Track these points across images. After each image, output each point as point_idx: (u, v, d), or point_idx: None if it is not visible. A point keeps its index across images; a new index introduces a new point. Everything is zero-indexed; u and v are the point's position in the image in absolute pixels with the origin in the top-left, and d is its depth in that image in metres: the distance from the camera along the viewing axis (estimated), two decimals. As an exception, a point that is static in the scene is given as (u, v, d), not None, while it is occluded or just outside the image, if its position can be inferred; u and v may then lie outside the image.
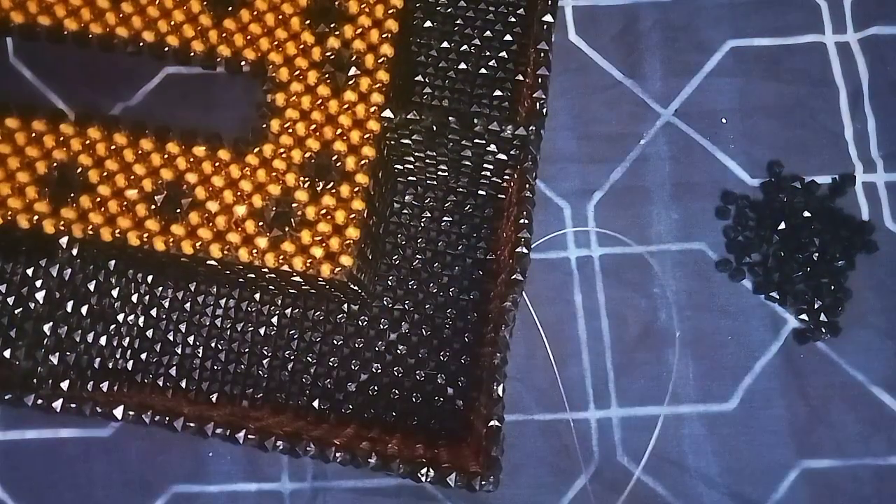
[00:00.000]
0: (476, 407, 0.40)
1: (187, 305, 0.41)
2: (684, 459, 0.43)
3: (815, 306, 0.44)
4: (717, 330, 0.44)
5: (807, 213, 0.45)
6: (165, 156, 0.42)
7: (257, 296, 0.42)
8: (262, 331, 0.44)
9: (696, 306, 0.45)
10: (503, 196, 0.45)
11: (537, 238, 0.45)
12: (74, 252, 0.41)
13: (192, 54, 0.44)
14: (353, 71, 0.43)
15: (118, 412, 0.39)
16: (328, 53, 0.43)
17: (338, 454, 0.34)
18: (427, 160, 0.43)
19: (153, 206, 0.42)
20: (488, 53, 0.44)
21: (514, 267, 0.40)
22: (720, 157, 0.46)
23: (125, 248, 0.41)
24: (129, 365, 0.41)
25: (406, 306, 0.44)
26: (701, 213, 0.46)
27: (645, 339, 0.44)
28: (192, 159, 0.42)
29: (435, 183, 0.46)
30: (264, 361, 0.43)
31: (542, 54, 0.43)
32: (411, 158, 0.43)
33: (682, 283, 0.45)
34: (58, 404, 0.39)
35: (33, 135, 0.42)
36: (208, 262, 0.41)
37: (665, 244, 0.45)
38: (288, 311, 0.44)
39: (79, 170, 0.42)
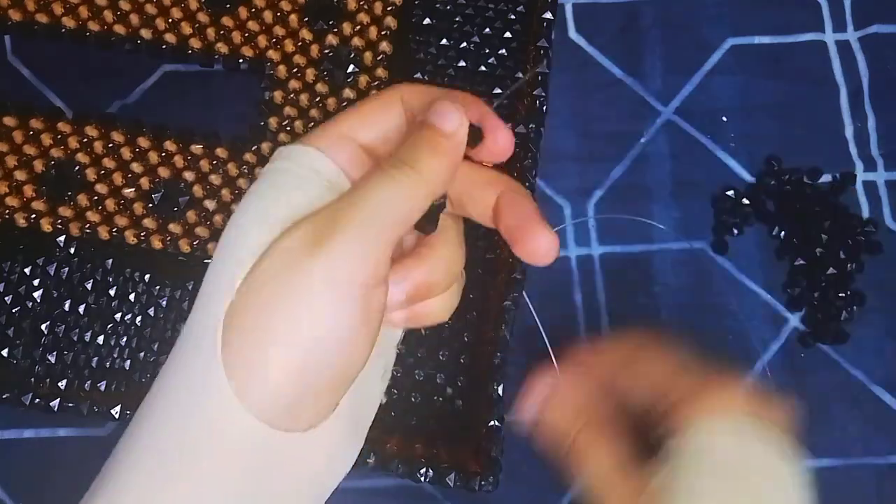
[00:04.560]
0: (476, 407, 0.40)
1: (185, 304, 0.41)
2: (684, 459, 0.43)
3: (821, 315, 0.44)
4: (717, 328, 0.44)
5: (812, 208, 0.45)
6: (163, 154, 0.42)
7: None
8: (260, 330, 0.43)
9: (697, 305, 0.45)
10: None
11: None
12: (72, 250, 0.41)
13: (189, 52, 0.43)
14: (351, 68, 0.43)
15: (116, 411, 0.39)
16: (326, 50, 0.43)
17: (336, 454, 0.34)
18: (426, 158, 0.43)
19: (150, 205, 0.42)
20: (488, 51, 0.44)
21: (513, 265, 0.40)
22: (721, 156, 0.46)
23: (122, 246, 0.41)
24: (127, 364, 0.40)
25: (405, 305, 0.44)
26: (701, 211, 0.45)
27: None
28: (189, 157, 0.42)
29: (434, 181, 0.46)
30: (263, 360, 0.43)
31: (542, 52, 0.43)
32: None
33: (682, 281, 0.45)
34: (55, 403, 0.39)
35: (31, 133, 0.42)
36: (206, 260, 0.41)
37: (666, 243, 0.45)
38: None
39: (76, 168, 0.42)
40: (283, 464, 0.25)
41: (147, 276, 0.41)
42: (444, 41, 0.44)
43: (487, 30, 0.44)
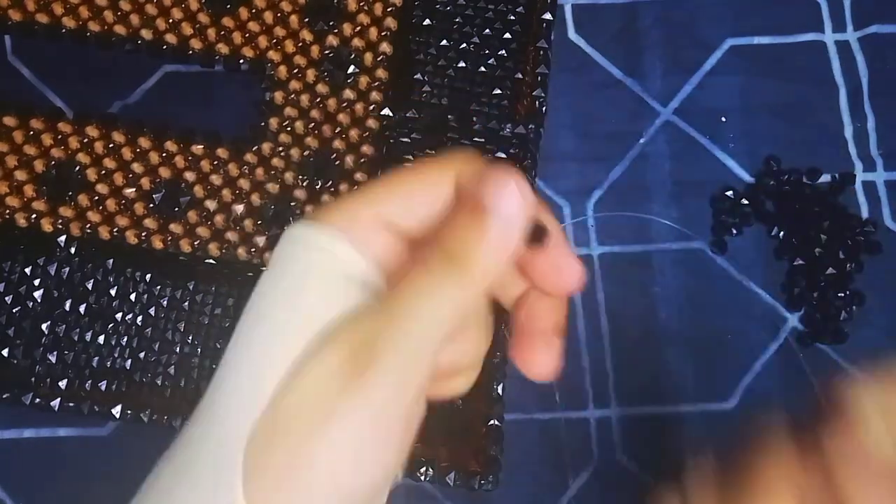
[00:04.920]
0: (476, 406, 0.40)
1: (186, 304, 0.41)
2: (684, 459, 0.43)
3: (820, 315, 0.44)
4: (717, 328, 0.44)
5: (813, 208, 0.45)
6: (163, 154, 0.42)
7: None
8: (260, 330, 0.43)
9: (696, 305, 0.45)
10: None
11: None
12: (72, 250, 0.41)
13: (190, 52, 0.44)
14: (351, 69, 0.43)
15: (116, 411, 0.39)
16: (327, 51, 0.43)
17: (337, 453, 0.34)
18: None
19: (151, 205, 0.42)
20: (487, 52, 0.44)
21: (513, 265, 0.40)
22: (720, 156, 0.46)
23: (123, 246, 0.41)
24: (128, 364, 0.41)
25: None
26: (701, 211, 0.46)
27: (645, 338, 0.44)
28: (190, 157, 0.42)
29: (434, 181, 0.46)
30: (263, 360, 0.43)
31: (542, 52, 0.43)
32: (410, 157, 0.43)
33: (681, 281, 0.45)
34: (56, 403, 0.39)
35: (31, 133, 0.42)
36: (207, 260, 0.41)
37: (665, 243, 0.45)
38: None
39: (77, 168, 0.42)
40: None
41: (148, 276, 0.41)
42: (444, 42, 0.44)
43: (487, 31, 0.44)
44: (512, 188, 0.23)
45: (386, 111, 0.43)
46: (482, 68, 0.44)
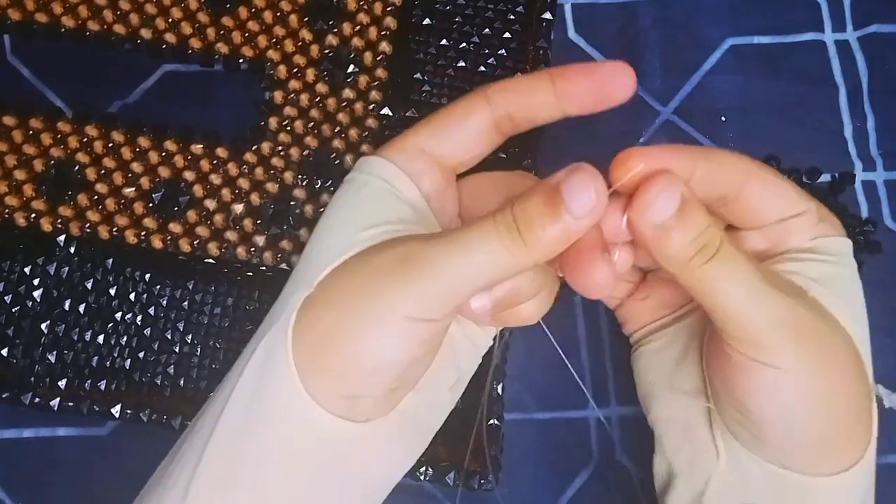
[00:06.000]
0: (476, 406, 0.40)
1: (185, 304, 0.41)
2: (684, 458, 0.43)
3: None
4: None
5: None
6: (163, 153, 0.42)
7: (256, 294, 0.42)
8: (260, 329, 0.43)
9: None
10: (502, 194, 0.45)
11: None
12: (72, 250, 0.41)
13: (189, 52, 0.44)
14: (351, 68, 0.43)
15: (116, 411, 0.39)
16: (326, 51, 0.43)
17: (336, 453, 0.34)
18: (426, 158, 0.43)
19: (151, 204, 0.42)
20: (487, 51, 0.44)
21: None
22: (720, 156, 0.46)
23: (123, 246, 0.41)
24: (127, 363, 0.41)
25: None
26: (700, 211, 0.45)
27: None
28: (189, 157, 0.42)
29: (434, 181, 0.46)
30: (262, 360, 0.43)
31: (542, 52, 0.43)
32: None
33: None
34: (55, 403, 0.39)
35: (30, 132, 0.42)
36: (206, 260, 0.41)
37: (664, 242, 0.45)
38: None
39: (76, 167, 0.42)
40: (339, 452, 0.27)
41: (147, 276, 0.41)
42: (443, 41, 0.44)
43: (487, 30, 0.44)
44: (590, 195, 0.26)
45: (385, 110, 0.43)
46: (482, 68, 0.44)
